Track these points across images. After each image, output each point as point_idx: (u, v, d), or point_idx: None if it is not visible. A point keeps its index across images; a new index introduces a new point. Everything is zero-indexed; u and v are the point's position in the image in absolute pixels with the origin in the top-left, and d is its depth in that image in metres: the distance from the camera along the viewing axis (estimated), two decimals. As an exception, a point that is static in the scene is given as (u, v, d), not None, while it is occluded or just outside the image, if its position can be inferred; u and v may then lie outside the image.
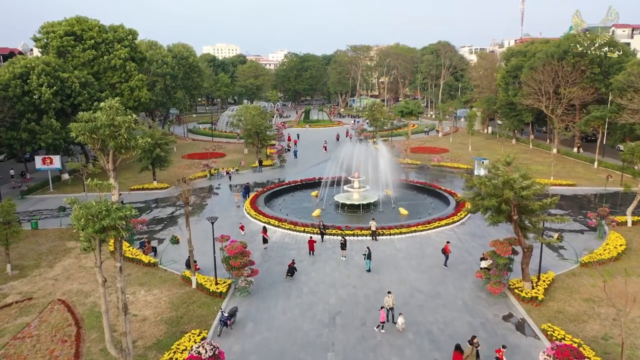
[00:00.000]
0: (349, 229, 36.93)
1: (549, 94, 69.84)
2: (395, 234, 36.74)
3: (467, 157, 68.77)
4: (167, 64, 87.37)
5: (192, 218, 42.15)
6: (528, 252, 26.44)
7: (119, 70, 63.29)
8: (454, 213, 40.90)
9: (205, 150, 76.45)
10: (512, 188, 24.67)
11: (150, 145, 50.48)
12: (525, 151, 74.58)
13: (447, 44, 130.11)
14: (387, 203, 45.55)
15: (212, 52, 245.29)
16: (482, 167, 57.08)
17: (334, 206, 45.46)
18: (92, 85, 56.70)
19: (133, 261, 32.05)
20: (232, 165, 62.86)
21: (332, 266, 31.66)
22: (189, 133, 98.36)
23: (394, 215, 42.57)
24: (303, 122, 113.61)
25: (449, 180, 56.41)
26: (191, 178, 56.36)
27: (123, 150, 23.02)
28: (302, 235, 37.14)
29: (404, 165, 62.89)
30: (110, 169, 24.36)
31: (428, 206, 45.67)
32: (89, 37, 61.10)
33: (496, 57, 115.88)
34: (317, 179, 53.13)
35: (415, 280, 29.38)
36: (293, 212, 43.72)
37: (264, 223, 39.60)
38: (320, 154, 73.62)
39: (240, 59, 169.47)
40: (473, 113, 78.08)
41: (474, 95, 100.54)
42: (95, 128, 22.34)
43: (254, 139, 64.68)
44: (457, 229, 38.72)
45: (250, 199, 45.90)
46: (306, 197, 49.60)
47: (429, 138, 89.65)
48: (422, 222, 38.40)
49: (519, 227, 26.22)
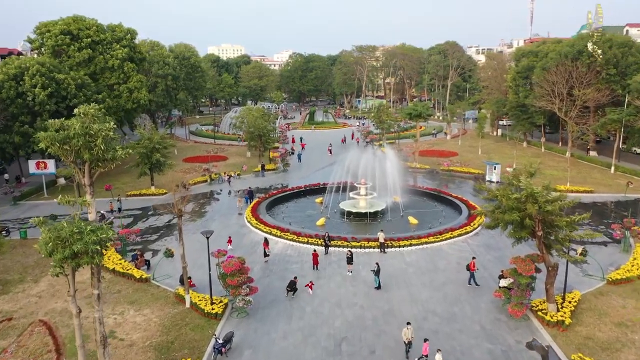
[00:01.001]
0: (355, 240, 34.65)
1: (562, 96, 67.40)
2: (405, 245, 34.39)
3: (477, 161, 66.31)
4: (169, 65, 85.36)
5: (189, 226, 40.11)
6: (553, 271, 24.05)
7: (117, 71, 61.28)
8: (466, 223, 38.48)
9: (206, 154, 74.41)
10: (536, 201, 22.31)
11: (149, 150, 48.56)
12: (537, 155, 71.93)
13: (454, 44, 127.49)
14: (395, 211, 43.21)
15: (217, 52, 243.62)
16: (494, 173, 55.09)
17: (339, 214, 43.18)
18: (88, 87, 54.71)
19: (124, 276, 29.88)
20: (234, 170, 60.70)
21: (337, 282, 29.39)
22: (191, 135, 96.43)
23: (402, 225, 40.22)
24: (308, 123, 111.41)
25: (460, 185, 54.01)
26: (191, 183, 54.32)
27: (100, 163, 20.60)
28: (305, 247, 34.88)
29: (412, 169, 60.51)
30: (87, 184, 22.02)
31: (439, 214, 43.28)
32: (86, 36, 59.11)
33: (505, 58, 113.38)
34: (321, 185, 50.93)
35: (429, 299, 27.05)
36: (296, 221, 41.48)
37: (265, 233, 37.40)
38: (325, 158, 71.34)
39: (245, 60, 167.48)
40: (483, 115, 75.55)
41: (483, 97, 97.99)
42: (67, 138, 19.91)
43: (256, 142, 62.44)
44: (471, 240, 36.33)
45: (252, 207, 43.70)
46: (310, 204, 47.34)
47: (436, 141, 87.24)
48: (434, 233, 36.02)
49: (543, 244, 23.85)
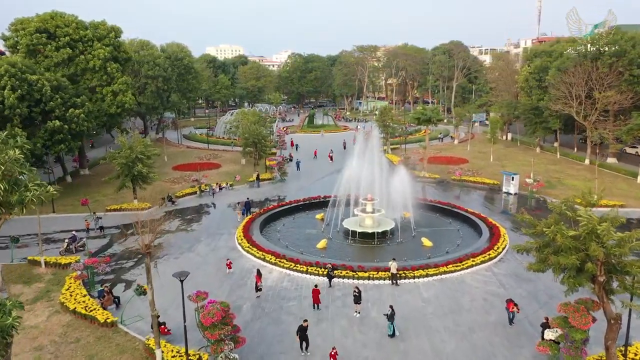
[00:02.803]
0: (363, 270, 29.70)
1: (581, 98, 62.60)
2: (420, 276, 29.44)
3: (490, 169, 61.39)
4: (160, 66, 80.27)
5: (172, 250, 35.14)
6: (616, 325, 19.10)
7: (99, 72, 56.18)
8: (489, 246, 33.50)
9: (199, 160, 69.44)
10: (600, 241, 17.40)
11: (130, 161, 43.61)
12: (553, 161, 67.09)
13: (459, 44, 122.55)
14: (406, 230, 38.27)
15: (215, 53, 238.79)
16: (512, 184, 50.17)
17: (342, 233, 38.24)
18: (66, 90, 49.67)
19: (86, 319, 24.86)
20: (227, 179, 55.71)
21: (342, 327, 24.41)
22: (184, 139, 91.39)
23: (415, 247, 35.26)
24: (307, 126, 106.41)
25: (474, 198, 49.14)
26: (178, 196, 49.34)
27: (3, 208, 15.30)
28: (304, 277, 29.94)
29: (421, 179, 55.54)
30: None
31: (455, 235, 38.32)
32: (64, 34, 54.05)
33: (513, 58, 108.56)
34: (322, 198, 46.05)
35: (455, 351, 22.08)
36: (294, 242, 36.54)
37: (257, 259, 32.50)
38: (326, 165, 66.40)
39: (242, 60, 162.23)
40: (496, 119, 70.44)
41: (490, 99, 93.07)
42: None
43: (251, 149, 57.45)
44: (496, 268, 31.39)
45: (244, 225, 38.73)
46: (310, 220, 42.40)
47: (443, 145, 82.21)
48: (453, 260, 31.07)
49: (604, 290, 18.92)
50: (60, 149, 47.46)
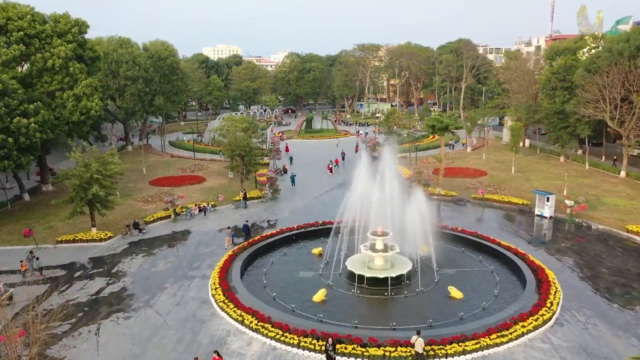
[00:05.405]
0: (375, 345, 21.61)
1: (616, 102, 54.72)
2: (455, 353, 21.39)
3: (513, 183, 53.39)
4: (140, 65, 72.08)
5: (123, 305, 26.71)
6: None
7: (59, 73, 47.98)
8: (539, 303, 25.38)
9: (181, 172, 61.40)
10: None
11: (84, 182, 35.58)
12: (583, 174, 58.94)
13: (468, 42, 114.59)
14: (426, 273, 29.85)
15: (212, 53, 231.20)
16: (547, 205, 42.06)
17: (345, 277, 30.11)
18: (14, 95, 41.51)
19: None
20: (209, 198, 47.67)
21: None
22: (170, 146, 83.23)
23: (440, 301, 27.11)
24: (305, 132, 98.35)
25: (502, 222, 41.06)
26: (147, 221, 41.23)
27: None
28: (295, 353, 21.90)
29: (436, 197, 47.49)
30: None
31: (489, 278, 30.19)
32: (16, 28, 45.92)
33: (527, 56, 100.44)
34: (320, 224, 38.09)
35: None
36: (283, 290, 28.48)
37: (234, 321, 24.45)
38: (325, 178, 58.39)
39: (236, 60, 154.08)
40: (518, 125, 62.35)
41: (503, 101, 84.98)
42: None
43: (238, 162, 49.38)
44: (553, 336, 23.28)
45: (221, 266, 30.62)
46: (304, 256, 34.25)
47: (455, 153, 73.91)
48: (496, 327, 22.99)
49: None
50: (3, 166, 39.35)
